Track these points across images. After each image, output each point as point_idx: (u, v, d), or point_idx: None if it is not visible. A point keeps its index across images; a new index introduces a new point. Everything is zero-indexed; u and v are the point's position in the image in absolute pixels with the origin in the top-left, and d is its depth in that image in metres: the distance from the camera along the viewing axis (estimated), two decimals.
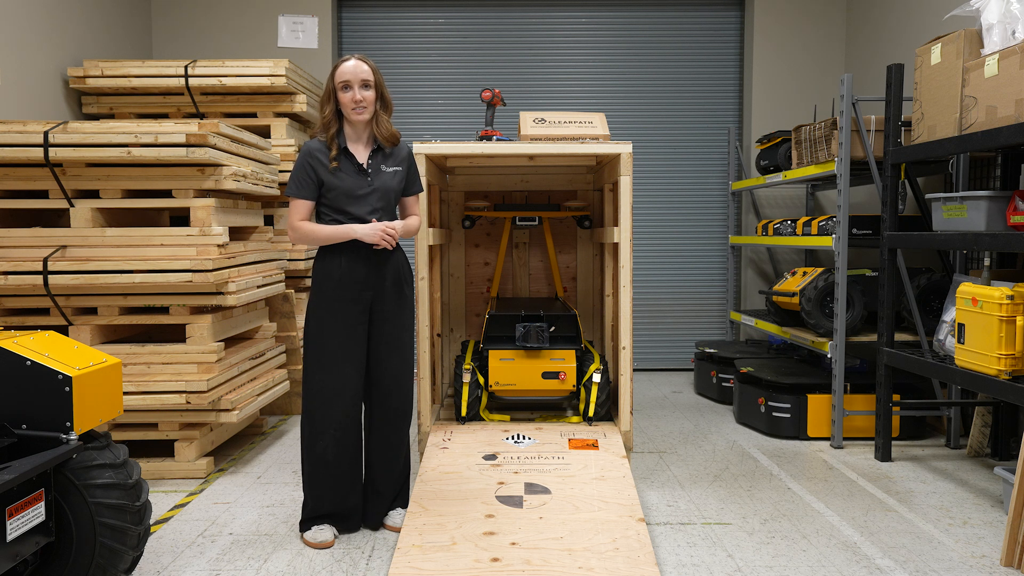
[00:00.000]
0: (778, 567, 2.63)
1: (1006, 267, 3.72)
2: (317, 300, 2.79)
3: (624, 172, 3.29)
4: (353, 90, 2.70)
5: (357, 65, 2.71)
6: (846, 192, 3.95)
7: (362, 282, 2.78)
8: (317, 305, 2.79)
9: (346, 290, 2.76)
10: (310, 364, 2.80)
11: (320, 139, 2.79)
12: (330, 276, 2.76)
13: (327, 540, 2.79)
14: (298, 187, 2.75)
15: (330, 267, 2.76)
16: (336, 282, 2.76)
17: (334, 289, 2.76)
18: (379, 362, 2.87)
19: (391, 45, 6.06)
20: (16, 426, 2.17)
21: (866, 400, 4.12)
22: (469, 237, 4.43)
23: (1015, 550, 2.62)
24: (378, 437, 2.92)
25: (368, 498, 2.95)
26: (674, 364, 6.20)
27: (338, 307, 2.76)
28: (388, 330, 2.86)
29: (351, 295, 2.77)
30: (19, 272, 3.33)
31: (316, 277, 2.80)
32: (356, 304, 2.78)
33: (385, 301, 2.83)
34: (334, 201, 2.76)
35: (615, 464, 3.10)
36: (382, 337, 2.85)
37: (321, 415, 2.79)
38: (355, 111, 2.72)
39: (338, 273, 2.75)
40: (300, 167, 2.75)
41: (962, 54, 3.23)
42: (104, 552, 2.18)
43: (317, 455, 2.81)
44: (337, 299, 2.76)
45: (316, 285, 2.80)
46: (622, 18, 6.09)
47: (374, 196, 2.79)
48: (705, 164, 6.15)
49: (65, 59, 4.65)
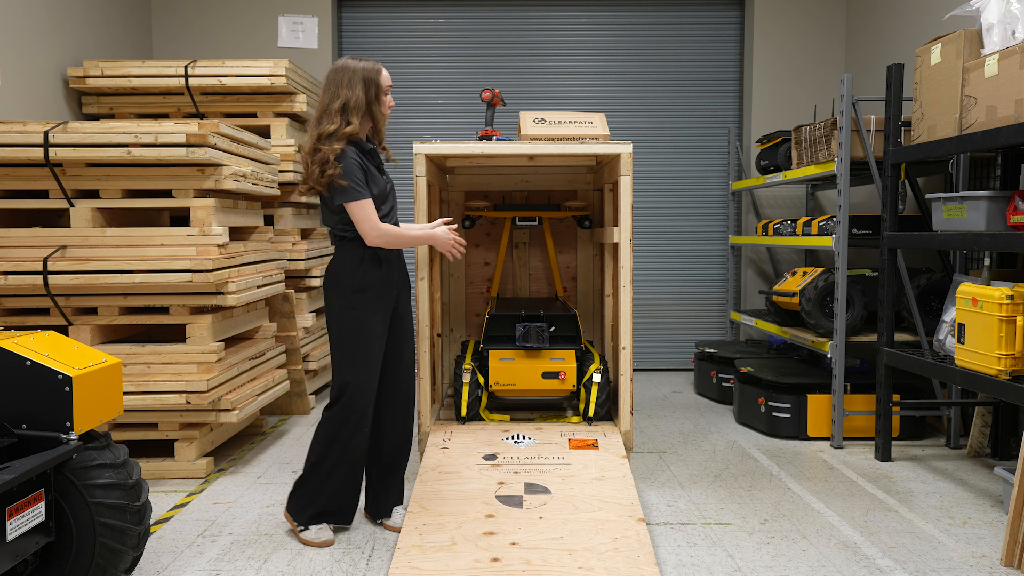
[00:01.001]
0: (778, 567, 2.63)
1: (1006, 267, 3.72)
2: (359, 300, 2.78)
3: (624, 172, 3.29)
4: (389, 95, 2.85)
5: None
6: (846, 192, 3.95)
7: (393, 284, 2.87)
8: (359, 305, 2.79)
9: (386, 290, 2.83)
10: (353, 363, 2.80)
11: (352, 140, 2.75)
12: (371, 278, 2.79)
13: (329, 539, 2.82)
14: (362, 187, 2.70)
15: (370, 270, 2.79)
16: (379, 284, 2.80)
17: (379, 290, 2.80)
18: (400, 355, 2.97)
19: (391, 45, 6.06)
20: (16, 426, 2.17)
21: (866, 400, 4.12)
22: (469, 237, 4.43)
23: (1015, 550, 2.62)
24: (397, 426, 3.00)
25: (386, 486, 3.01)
26: (674, 364, 6.20)
27: (381, 306, 2.82)
28: (406, 325, 2.98)
29: (389, 295, 2.84)
30: (19, 272, 3.33)
31: (355, 279, 2.78)
32: (390, 304, 2.86)
33: (402, 298, 2.95)
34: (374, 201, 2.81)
35: (615, 464, 3.10)
36: (404, 331, 2.97)
37: (361, 413, 2.81)
38: (388, 115, 2.86)
39: (377, 275, 2.80)
40: (355, 168, 2.69)
41: (962, 54, 3.23)
42: (104, 552, 2.19)
43: (352, 451, 2.83)
44: (380, 298, 2.81)
45: (357, 286, 2.79)
46: (622, 18, 6.09)
47: (392, 195, 2.91)
48: (705, 164, 6.15)
49: (65, 59, 4.65)
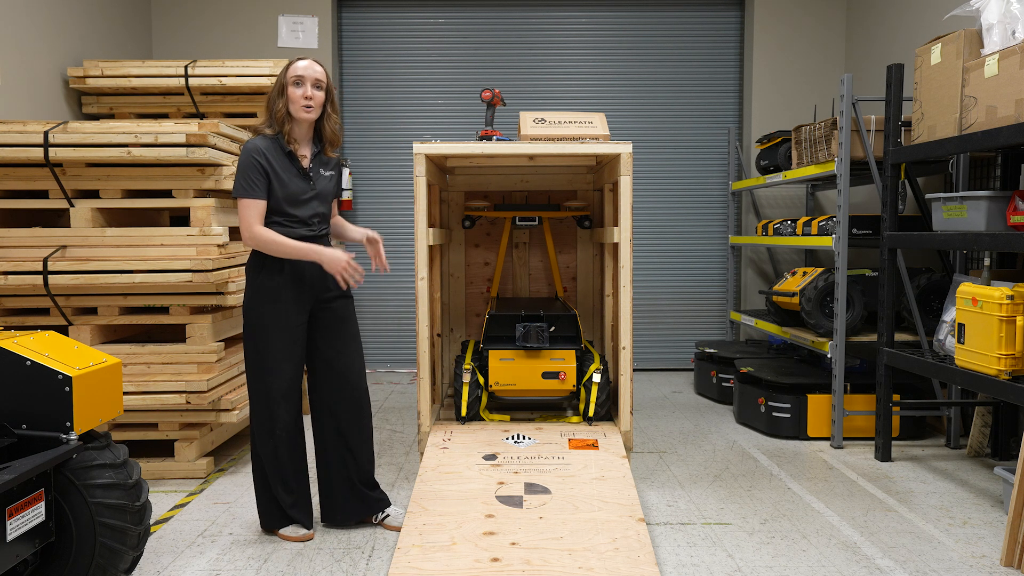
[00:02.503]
0: (778, 567, 2.63)
1: (1006, 267, 3.72)
2: (255, 303, 2.73)
3: (624, 172, 3.29)
4: (305, 87, 2.68)
5: (311, 64, 2.71)
6: (846, 192, 3.95)
7: (304, 292, 2.76)
8: (255, 309, 2.73)
9: (286, 299, 2.72)
10: (250, 369, 2.78)
11: (266, 135, 2.72)
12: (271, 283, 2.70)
13: (307, 533, 2.85)
14: (250, 186, 2.62)
15: (271, 275, 2.70)
16: (277, 290, 2.71)
17: (277, 295, 2.71)
18: (329, 367, 2.85)
19: (391, 45, 6.06)
20: (16, 426, 2.17)
21: (866, 400, 4.12)
22: (469, 237, 4.43)
23: (1015, 550, 2.62)
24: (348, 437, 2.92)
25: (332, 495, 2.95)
26: (674, 364, 6.20)
27: (280, 311, 2.71)
28: (337, 335, 2.84)
29: (290, 304, 2.73)
30: (19, 272, 3.33)
31: (255, 282, 2.72)
32: (295, 311, 2.75)
33: (333, 306, 2.83)
34: (277, 203, 2.69)
35: (615, 464, 3.10)
36: (335, 339, 2.84)
37: (263, 419, 2.78)
38: (304, 108, 2.68)
39: (279, 281, 2.70)
40: (249, 166, 2.63)
41: (962, 54, 3.23)
42: (104, 552, 2.19)
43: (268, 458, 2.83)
44: (280, 301, 2.71)
45: (255, 289, 2.72)
46: (622, 18, 6.09)
47: (315, 200, 2.78)
48: (705, 164, 6.15)
49: (65, 59, 4.65)
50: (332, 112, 2.79)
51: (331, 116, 2.79)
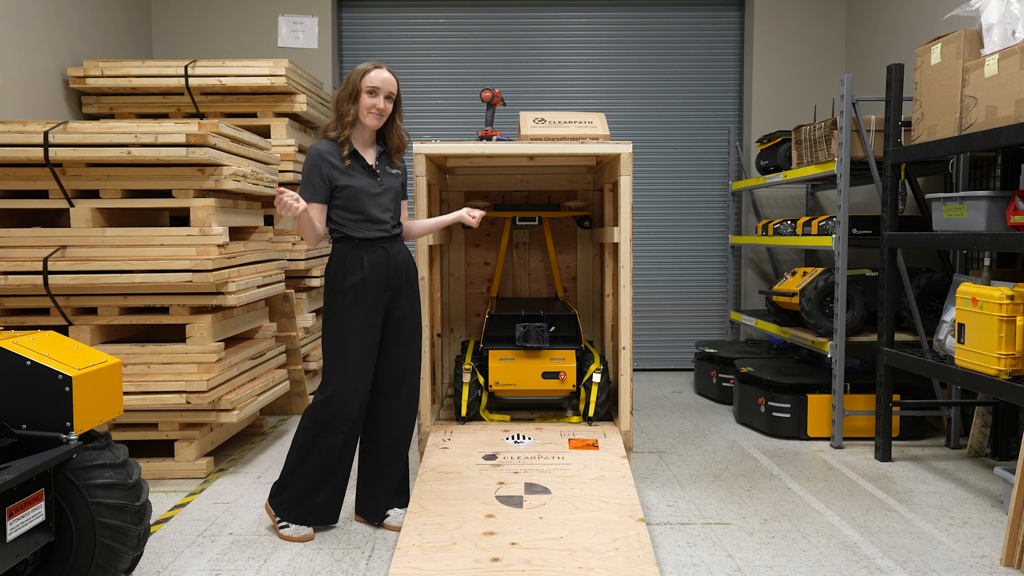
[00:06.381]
0: (778, 567, 2.63)
1: (1006, 267, 3.72)
2: (340, 303, 2.81)
3: (624, 172, 3.29)
4: (379, 98, 2.79)
5: (389, 77, 2.81)
6: (846, 192, 3.95)
7: (383, 287, 2.83)
8: (340, 308, 2.81)
9: (369, 293, 2.81)
10: (333, 366, 2.82)
11: (329, 138, 2.83)
12: (351, 281, 2.79)
13: (308, 534, 2.88)
14: (311, 191, 2.78)
15: (352, 273, 2.79)
16: (360, 287, 2.79)
17: (360, 293, 2.79)
18: (394, 359, 2.94)
19: (391, 45, 6.06)
20: (16, 426, 2.17)
21: (866, 400, 4.12)
22: (469, 237, 4.43)
23: (1015, 550, 2.62)
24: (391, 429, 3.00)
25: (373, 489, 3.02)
26: (674, 364, 6.20)
27: (363, 310, 2.80)
28: (402, 328, 2.94)
29: (373, 299, 2.81)
30: (19, 272, 3.33)
31: (337, 282, 2.82)
32: (376, 308, 2.83)
33: (399, 301, 2.91)
34: (348, 201, 2.79)
35: (615, 464, 3.10)
36: (399, 334, 2.94)
37: (340, 416, 2.82)
38: (373, 115, 2.79)
39: (359, 278, 2.79)
40: (311, 170, 2.78)
41: (962, 54, 3.23)
42: (104, 552, 2.18)
43: (328, 452, 2.85)
44: (362, 301, 2.80)
45: (338, 289, 2.82)
46: (622, 18, 6.09)
47: (385, 196, 2.87)
48: (705, 164, 6.15)
49: (65, 59, 4.65)
50: (399, 120, 2.91)
51: (398, 125, 2.90)
